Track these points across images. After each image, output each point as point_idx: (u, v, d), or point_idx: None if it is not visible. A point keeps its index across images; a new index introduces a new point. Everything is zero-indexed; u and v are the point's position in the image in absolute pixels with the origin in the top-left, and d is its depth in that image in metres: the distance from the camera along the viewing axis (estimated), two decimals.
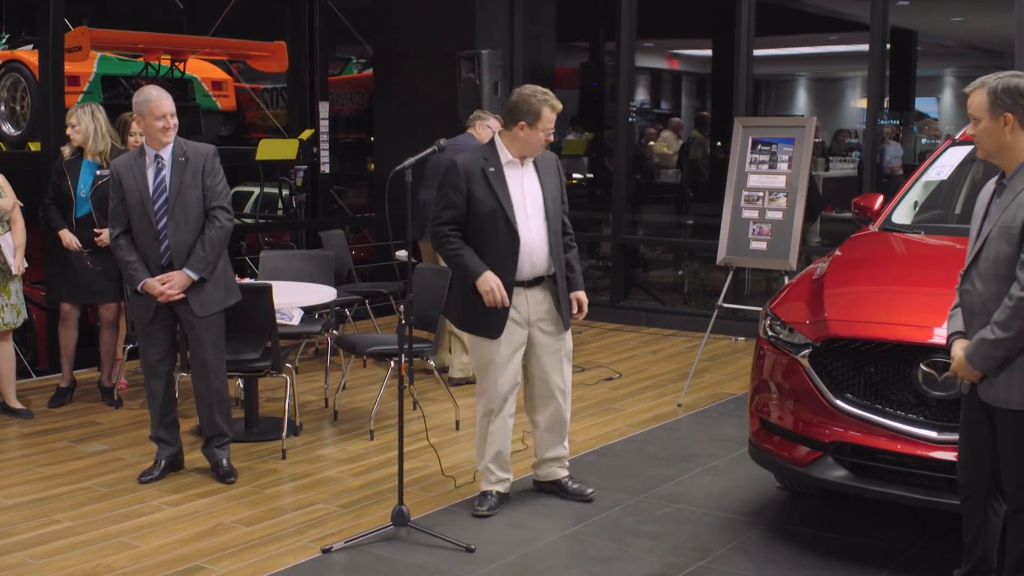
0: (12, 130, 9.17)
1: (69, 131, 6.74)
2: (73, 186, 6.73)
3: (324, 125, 10.63)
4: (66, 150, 6.82)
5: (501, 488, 5.22)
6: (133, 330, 6.86)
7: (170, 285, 5.38)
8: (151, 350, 5.52)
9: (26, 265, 6.59)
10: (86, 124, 6.70)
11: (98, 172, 6.76)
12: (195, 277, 5.42)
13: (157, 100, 5.37)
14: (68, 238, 6.75)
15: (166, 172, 5.40)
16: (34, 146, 8.28)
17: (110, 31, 9.66)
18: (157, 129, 5.36)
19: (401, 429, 4.92)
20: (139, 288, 5.40)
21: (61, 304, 6.85)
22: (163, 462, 5.60)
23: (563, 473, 5.36)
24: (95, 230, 6.74)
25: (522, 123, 4.98)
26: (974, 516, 3.96)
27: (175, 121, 5.42)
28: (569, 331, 5.20)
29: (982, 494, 3.91)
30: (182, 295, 5.40)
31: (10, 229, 6.49)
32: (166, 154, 5.41)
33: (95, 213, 6.75)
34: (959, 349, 3.83)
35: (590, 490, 5.33)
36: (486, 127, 7.34)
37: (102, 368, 7.08)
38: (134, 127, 7.10)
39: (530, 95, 5.02)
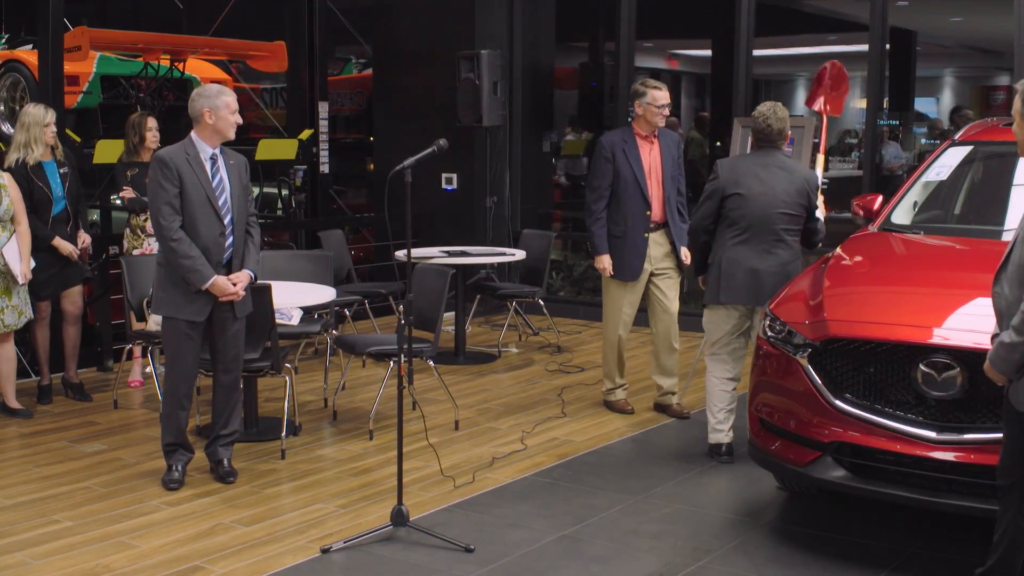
0: (11, 130, 9.17)
1: (46, 131, 6.69)
2: (48, 187, 6.73)
3: (324, 125, 10.63)
4: (22, 155, 6.66)
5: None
6: (136, 332, 6.88)
7: (241, 285, 5.38)
8: (190, 354, 5.39)
9: (33, 264, 6.58)
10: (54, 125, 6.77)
11: (62, 171, 6.83)
12: (254, 277, 5.46)
13: (231, 95, 5.37)
14: (68, 248, 6.80)
15: (223, 171, 5.37)
16: None
17: (109, 31, 9.68)
18: (231, 124, 5.33)
19: (400, 429, 4.93)
20: (205, 286, 5.26)
21: (38, 304, 6.84)
22: (182, 468, 5.52)
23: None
24: (80, 233, 6.93)
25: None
26: (1004, 516, 3.90)
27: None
28: None
29: (1016, 496, 3.84)
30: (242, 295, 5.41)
31: (15, 230, 6.45)
32: (218, 153, 5.39)
33: (70, 209, 6.85)
34: None
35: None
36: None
37: (66, 364, 7.09)
38: (150, 123, 7.11)
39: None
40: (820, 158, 7.29)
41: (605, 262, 6.67)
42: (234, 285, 5.35)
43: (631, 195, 6.61)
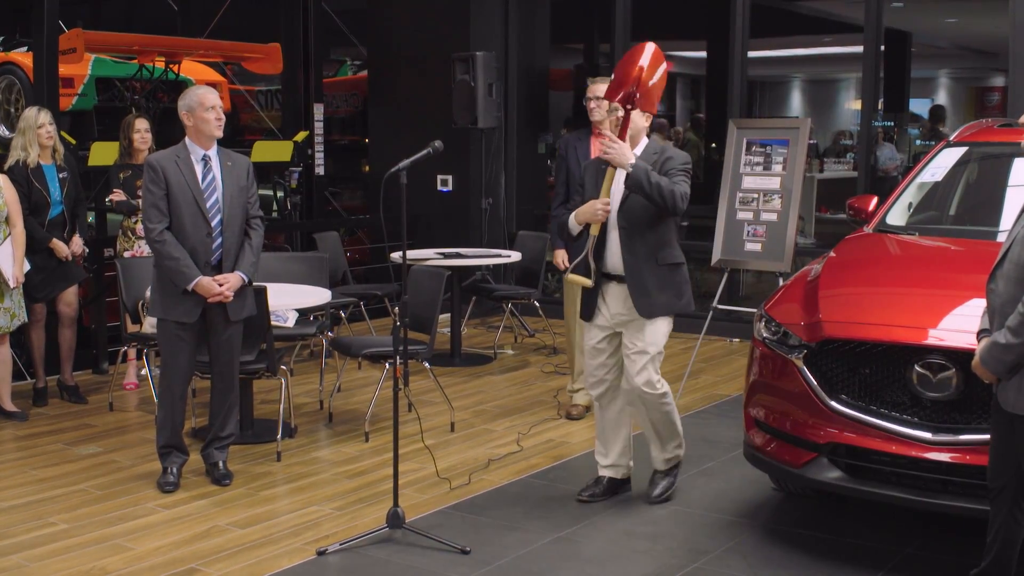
0: (7, 132, 9.17)
1: (39, 132, 6.70)
2: (46, 190, 6.74)
3: (319, 127, 10.63)
4: (21, 157, 6.69)
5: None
6: (133, 335, 6.88)
7: (229, 287, 5.36)
8: (182, 356, 5.39)
9: (28, 267, 6.57)
10: (53, 128, 6.77)
11: (61, 175, 6.83)
12: (247, 280, 5.44)
13: (204, 92, 5.36)
14: (65, 250, 6.80)
15: (216, 172, 5.37)
16: None
17: (104, 33, 9.67)
18: (208, 121, 5.31)
19: (396, 431, 4.92)
20: (190, 287, 5.26)
21: (33, 306, 6.83)
22: (177, 470, 5.53)
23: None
24: (74, 238, 6.91)
25: None
26: (996, 518, 3.90)
27: (223, 115, 5.42)
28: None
29: (1008, 497, 3.84)
30: (232, 297, 5.38)
31: (9, 233, 6.43)
32: (213, 155, 5.38)
33: (66, 214, 6.87)
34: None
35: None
36: None
37: (62, 367, 7.08)
38: (138, 124, 7.13)
39: None
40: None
41: (558, 257, 6.77)
42: (221, 286, 5.35)
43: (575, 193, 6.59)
